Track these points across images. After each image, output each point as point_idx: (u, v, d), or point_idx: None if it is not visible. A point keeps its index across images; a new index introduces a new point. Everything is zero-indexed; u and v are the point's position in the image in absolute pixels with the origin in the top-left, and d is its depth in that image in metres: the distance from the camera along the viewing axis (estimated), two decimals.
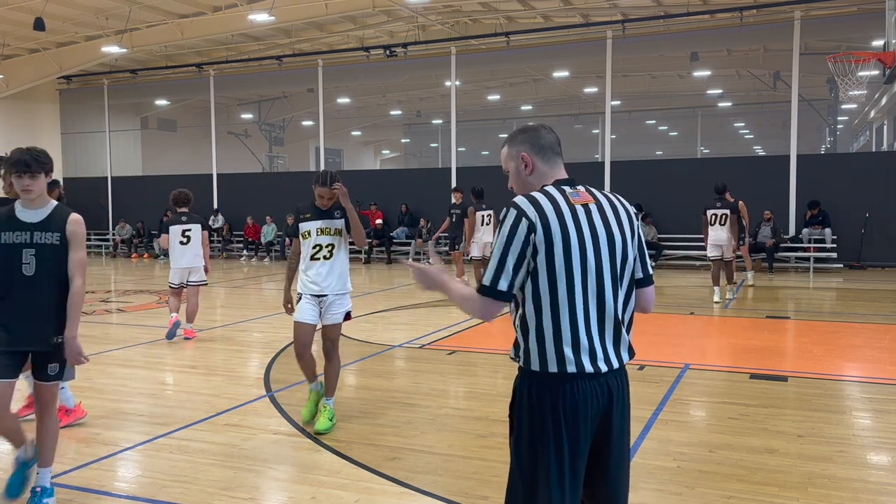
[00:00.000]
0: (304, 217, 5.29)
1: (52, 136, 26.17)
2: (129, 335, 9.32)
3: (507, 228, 2.38)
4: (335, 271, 5.27)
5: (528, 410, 2.41)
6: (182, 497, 4.08)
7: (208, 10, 19.63)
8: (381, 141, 41.62)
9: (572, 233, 2.37)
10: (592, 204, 2.46)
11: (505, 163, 2.65)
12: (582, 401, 2.37)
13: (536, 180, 2.55)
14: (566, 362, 2.37)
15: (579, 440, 2.39)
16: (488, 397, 6.25)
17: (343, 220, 5.26)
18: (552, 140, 2.58)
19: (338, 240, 5.28)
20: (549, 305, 2.37)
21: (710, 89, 26.74)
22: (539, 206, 2.39)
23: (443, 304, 11.94)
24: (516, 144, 2.59)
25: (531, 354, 2.41)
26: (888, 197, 16.58)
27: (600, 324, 2.41)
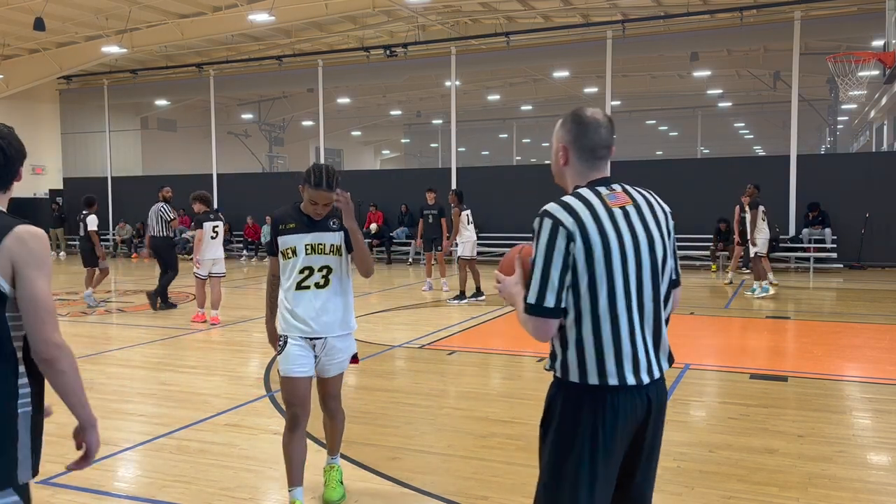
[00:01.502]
0: (285, 228, 3.77)
1: (52, 136, 26.19)
2: (130, 335, 9.32)
3: (545, 240, 2.24)
4: (334, 306, 3.77)
5: (564, 424, 2.31)
6: (182, 497, 4.08)
7: (208, 10, 19.63)
8: (381, 141, 41.64)
9: (612, 239, 2.26)
10: (630, 206, 2.36)
11: (553, 138, 2.51)
12: (622, 414, 2.28)
13: (570, 175, 2.44)
14: (607, 375, 2.26)
15: (614, 453, 2.31)
16: (488, 397, 6.25)
17: (342, 232, 3.79)
18: (600, 142, 2.42)
19: (336, 261, 3.77)
20: (589, 315, 2.26)
21: (710, 89, 26.74)
22: (574, 212, 2.26)
23: (443, 304, 11.95)
24: (563, 131, 2.45)
25: (569, 366, 2.30)
26: (888, 197, 16.57)
27: (642, 332, 2.32)
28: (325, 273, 3.75)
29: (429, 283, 13.64)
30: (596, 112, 2.45)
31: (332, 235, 3.77)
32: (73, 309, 11.64)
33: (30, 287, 2.10)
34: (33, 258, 2.12)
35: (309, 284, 3.74)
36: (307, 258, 3.73)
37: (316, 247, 3.75)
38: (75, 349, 8.00)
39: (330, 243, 3.76)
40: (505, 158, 34.80)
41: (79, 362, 2.11)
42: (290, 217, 3.78)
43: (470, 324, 9.95)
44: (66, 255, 23.53)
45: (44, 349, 2.12)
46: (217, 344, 8.84)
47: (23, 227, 2.14)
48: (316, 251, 3.75)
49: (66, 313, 11.17)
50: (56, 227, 23.54)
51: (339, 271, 3.79)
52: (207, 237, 10.13)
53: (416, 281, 15.38)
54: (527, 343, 8.81)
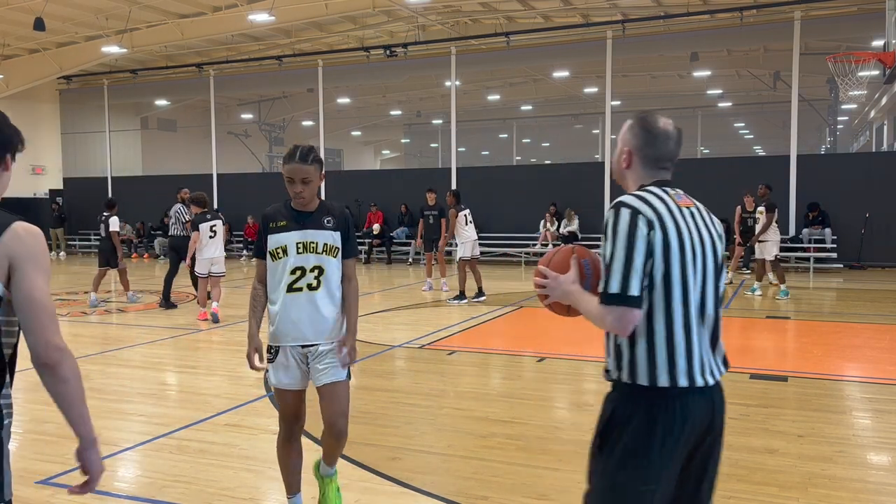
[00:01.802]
0: (275, 226, 3.50)
1: (52, 136, 26.19)
2: (130, 335, 9.32)
3: (625, 227, 2.18)
4: (328, 310, 3.49)
5: (631, 429, 2.20)
6: (182, 497, 4.08)
7: (208, 10, 19.63)
8: (381, 141, 41.63)
9: (685, 234, 2.24)
10: (693, 208, 2.35)
11: (618, 138, 2.50)
12: (690, 418, 2.21)
13: (631, 178, 2.43)
14: (678, 375, 2.19)
15: (679, 459, 2.23)
16: (488, 397, 6.25)
17: (338, 233, 3.51)
18: (665, 154, 2.39)
19: (329, 262, 3.48)
20: (663, 312, 2.20)
21: (710, 89, 26.75)
22: (651, 204, 2.24)
23: (443, 304, 11.95)
24: (630, 134, 2.41)
25: (638, 366, 2.21)
26: (888, 197, 16.57)
27: (705, 332, 2.28)
28: (318, 274, 3.47)
29: (429, 283, 13.65)
30: (667, 122, 2.40)
31: (326, 234, 3.48)
32: (73, 309, 11.64)
33: (28, 286, 1.95)
34: (31, 256, 1.97)
35: (301, 286, 3.46)
36: (298, 257, 3.45)
37: (308, 245, 3.47)
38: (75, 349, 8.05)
39: (323, 242, 3.48)
40: (505, 158, 34.79)
41: (79, 362, 2.09)
42: (280, 214, 3.50)
43: (470, 324, 9.95)
44: (66, 255, 23.52)
45: (44, 353, 1.96)
46: (217, 344, 8.84)
47: (20, 224, 2.00)
48: (308, 250, 3.46)
49: (67, 313, 11.17)
50: (56, 227, 23.54)
51: (332, 273, 3.50)
52: (205, 237, 10.39)
53: (416, 281, 15.39)
54: (527, 343, 8.82)
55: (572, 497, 4.05)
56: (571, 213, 18.99)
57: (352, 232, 3.58)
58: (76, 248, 25.03)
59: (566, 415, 5.87)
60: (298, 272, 3.46)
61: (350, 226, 3.57)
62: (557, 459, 4.63)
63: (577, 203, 19.18)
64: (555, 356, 7.79)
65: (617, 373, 2.27)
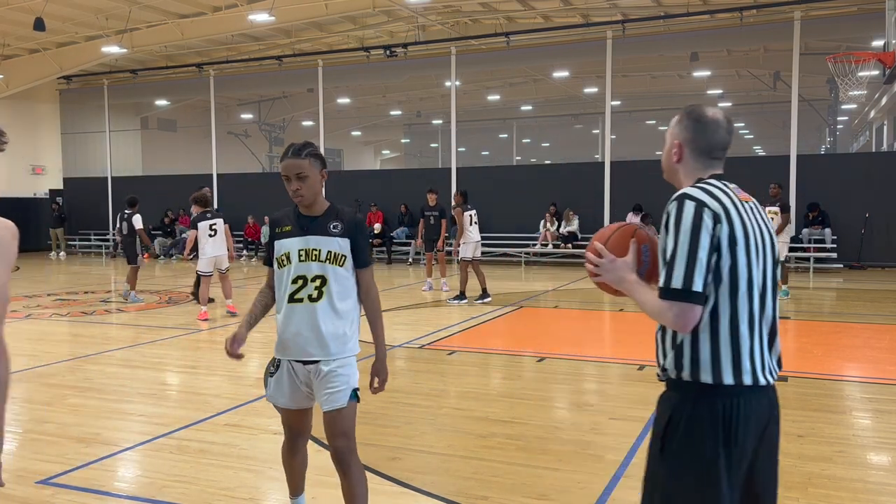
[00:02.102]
0: (281, 231, 3.27)
1: (52, 136, 26.20)
2: (130, 335, 9.32)
3: (689, 220, 2.10)
4: (332, 324, 3.19)
5: (694, 430, 2.13)
6: (182, 497, 4.08)
7: (208, 10, 19.63)
8: (381, 141, 41.64)
9: (749, 228, 2.18)
10: (751, 203, 2.29)
11: (667, 134, 2.42)
12: (754, 417, 2.16)
13: (683, 172, 2.35)
14: (743, 372, 2.13)
15: (745, 461, 2.17)
16: (488, 397, 6.25)
17: (347, 240, 3.21)
18: (717, 143, 2.32)
19: (334, 272, 3.18)
20: (728, 307, 2.13)
21: (710, 89, 26.73)
22: (716, 197, 2.17)
23: (443, 304, 11.95)
24: (679, 127, 2.35)
25: (701, 364, 2.13)
26: (888, 197, 16.57)
27: (765, 330, 2.23)
28: (320, 284, 3.17)
29: (429, 283, 13.65)
30: (716, 112, 2.34)
31: (331, 241, 3.18)
32: (73, 309, 11.64)
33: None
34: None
35: (302, 297, 3.18)
36: (300, 266, 3.18)
37: (310, 252, 3.18)
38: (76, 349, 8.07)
39: (327, 250, 3.17)
40: (505, 158, 34.79)
41: (79, 362, 2.08)
42: (286, 219, 3.27)
43: (470, 324, 9.95)
44: (66, 255, 23.52)
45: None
46: (217, 344, 8.84)
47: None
48: (310, 258, 3.18)
49: (67, 313, 11.17)
50: (56, 227, 23.54)
51: (337, 284, 3.19)
52: (205, 236, 10.59)
53: (416, 281, 15.39)
54: (527, 343, 8.82)
55: (572, 497, 4.05)
56: (570, 214, 19.00)
57: (364, 239, 3.28)
58: (76, 248, 25.03)
59: (566, 415, 5.87)
60: (300, 281, 3.19)
61: (362, 232, 3.27)
62: (557, 459, 4.63)
63: (577, 203, 19.18)
64: (555, 356, 7.79)
65: (676, 371, 2.18)
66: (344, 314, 3.23)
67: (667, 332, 2.22)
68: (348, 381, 3.23)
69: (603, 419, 5.52)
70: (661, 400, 2.26)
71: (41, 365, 7.40)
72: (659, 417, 2.24)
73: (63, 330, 9.95)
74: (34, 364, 7.39)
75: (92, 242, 25.10)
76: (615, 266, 2.30)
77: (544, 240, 19.13)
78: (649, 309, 2.18)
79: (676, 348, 2.18)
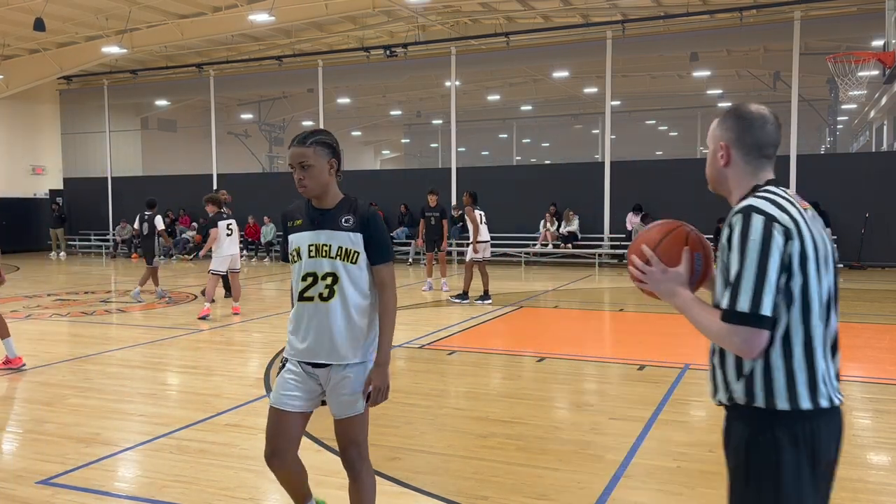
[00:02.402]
0: (293, 224, 3.11)
1: (52, 137, 26.20)
2: (130, 335, 9.32)
3: (758, 237, 1.93)
4: (344, 324, 3.00)
5: (781, 459, 1.98)
6: (182, 497, 4.08)
7: (208, 10, 19.63)
8: (381, 141, 41.63)
9: (818, 242, 2.03)
10: (811, 210, 2.12)
11: (708, 139, 2.25)
12: (833, 438, 2.04)
13: (733, 177, 2.17)
14: (819, 396, 1.99)
15: (825, 482, 2.05)
16: (488, 397, 6.25)
17: (360, 234, 3.00)
18: (767, 140, 2.15)
19: (347, 269, 2.99)
20: (801, 330, 1.98)
21: (710, 89, 26.73)
22: (785, 210, 2.00)
23: (443, 304, 11.95)
24: (722, 128, 2.18)
25: (776, 391, 1.98)
26: (888, 197, 16.57)
27: (828, 346, 2.07)
28: (330, 283, 2.97)
29: (429, 283, 13.65)
30: (760, 107, 2.18)
31: (342, 236, 2.98)
32: (73, 309, 11.64)
33: None
34: None
35: (312, 295, 2.99)
36: (310, 262, 3.00)
37: (320, 248, 2.99)
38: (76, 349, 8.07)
39: (338, 245, 2.97)
40: (505, 158, 34.78)
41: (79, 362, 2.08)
42: (298, 212, 3.09)
43: (470, 324, 9.95)
44: (66, 255, 23.52)
45: None
46: (217, 344, 8.84)
47: None
48: (320, 253, 2.99)
49: (67, 313, 11.18)
50: (56, 227, 23.54)
51: (350, 282, 2.98)
52: (223, 235, 10.72)
53: (416, 281, 15.39)
54: (527, 343, 8.82)
55: (572, 497, 4.05)
56: (570, 214, 19.00)
57: (379, 233, 3.03)
58: (76, 249, 25.03)
59: (566, 415, 5.87)
60: (310, 279, 3.00)
61: (376, 226, 3.02)
62: (557, 459, 4.63)
63: (577, 203, 19.19)
64: (555, 356, 7.79)
65: (747, 399, 2.03)
66: (358, 315, 3.00)
67: (728, 358, 2.07)
68: (360, 388, 3.03)
69: (603, 419, 5.52)
70: (731, 426, 2.11)
71: (41, 365, 7.40)
72: (733, 445, 2.08)
73: (63, 330, 9.95)
74: (34, 364, 7.40)
75: (92, 242, 25.10)
76: (667, 278, 2.14)
77: (544, 240, 19.13)
78: (708, 331, 2.02)
79: (746, 376, 2.04)
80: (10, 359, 7.21)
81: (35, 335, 9.25)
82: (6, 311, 9.79)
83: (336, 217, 3.01)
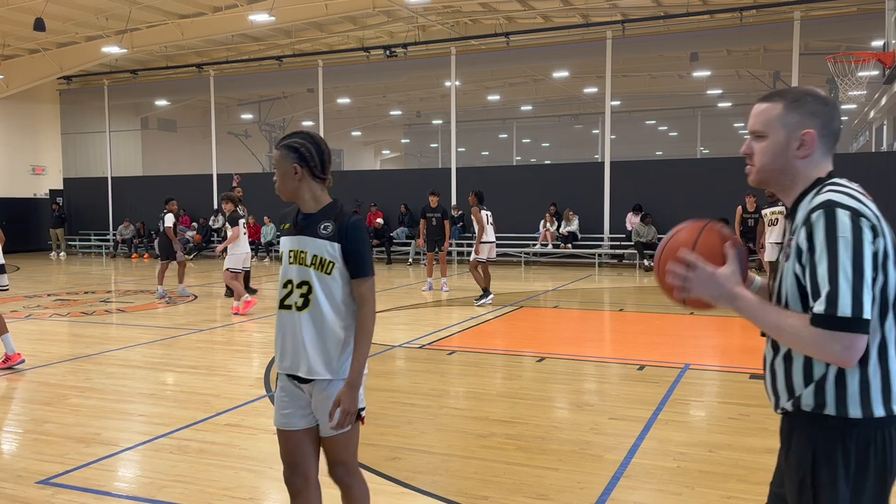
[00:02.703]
0: (283, 228, 3.00)
1: (52, 137, 26.20)
2: (130, 335, 9.32)
3: (848, 233, 1.77)
4: (318, 337, 2.83)
5: (847, 473, 1.86)
6: (182, 497, 4.08)
7: (208, 10, 19.64)
8: (381, 141, 41.64)
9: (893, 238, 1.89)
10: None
11: (766, 124, 1.98)
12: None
13: (804, 171, 1.96)
14: (893, 401, 1.86)
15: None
16: (488, 397, 6.25)
17: (338, 243, 2.82)
18: (839, 126, 1.99)
19: (320, 280, 2.83)
20: (878, 333, 1.85)
21: (710, 89, 26.75)
22: (866, 204, 1.86)
23: (442, 303, 11.95)
24: (803, 113, 1.94)
25: (849, 398, 1.85)
26: (888, 197, 16.57)
27: None
28: (305, 292, 2.83)
29: (429, 283, 13.65)
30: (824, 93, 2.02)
31: (319, 244, 2.82)
32: (73, 309, 11.65)
33: None
34: None
35: (290, 304, 2.87)
36: (289, 268, 2.88)
37: (298, 254, 2.86)
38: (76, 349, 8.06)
39: (313, 253, 2.82)
40: (505, 158, 34.80)
41: (79, 362, 2.09)
42: (289, 215, 2.98)
43: (470, 324, 9.95)
44: (66, 255, 23.52)
45: None
46: (217, 344, 8.84)
47: None
48: (297, 260, 2.85)
49: (67, 313, 11.18)
50: (56, 227, 23.55)
51: (323, 293, 2.81)
52: (241, 233, 11.04)
53: (416, 281, 15.39)
54: (527, 343, 8.82)
55: (572, 497, 4.05)
56: (570, 214, 19.01)
57: (357, 245, 2.84)
58: (76, 248, 25.03)
59: (566, 415, 5.87)
60: (289, 286, 2.88)
61: (355, 237, 2.83)
62: (557, 459, 4.63)
63: (577, 203, 19.19)
64: (555, 356, 7.79)
65: (816, 407, 1.89)
66: (331, 329, 2.82)
67: (795, 362, 1.92)
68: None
69: (603, 419, 5.52)
70: (796, 440, 1.96)
71: (41, 365, 7.40)
72: (800, 461, 1.94)
73: (63, 330, 9.95)
74: (34, 364, 7.40)
75: (92, 242, 25.10)
76: (717, 280, 1.93)
77: (544, 240, 19.13)
78: (795, 337, 1.83)
79: (817, 382, 1.89)
80: (10, 355, 7.23)
81: (35, 335, 9.25)
82: (6, 311, 9.80)
83: (316, 223, 2.86)
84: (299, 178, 2.86)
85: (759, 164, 2.00)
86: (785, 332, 1.85)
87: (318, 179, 2.89)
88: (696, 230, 2.03)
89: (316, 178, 2.88)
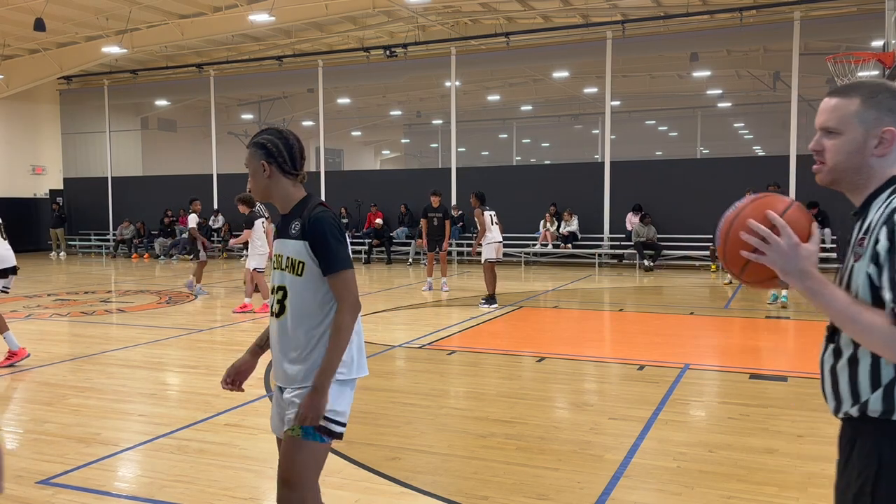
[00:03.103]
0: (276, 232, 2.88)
1: (53, 137, 26.20)
2: (130, 335, 9.32)
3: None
4: (289, 345, 2.70)
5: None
6: (182, 497, 4.08)
7: (208, 10, 19.64)
8: (381, 141, 41.64)
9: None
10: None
11: (842, 121, 1.90)
12: None
13: (879, 168, 1.89)
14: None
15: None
16: (488, 397, 6.25)
17: (305, 241, 2.65)
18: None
19: (294, 283, 2.69)
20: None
21: (710, 89, 26.74)
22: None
23: (442, 303, 11.94)
24: (882, 110, 1.85)
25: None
26: None
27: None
28: (280, 297, 2.71)
29: (429, 282, 13.65)
30: None
31: (291, 245, 2.68)
32: (73, 309, 11.65)
33: None
34: None
35: (275, 311, 2.75)
36: (274, 273, 2.78)
37: (278, 258, 2.75)
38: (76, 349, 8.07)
39: (287, 256, 2.69)
40: (505, 158, 34.79)
41: (79, 362, 2.09)
42: None
43: (470, 324, 9.95)
44: (66, 255, 23.51)
45: None
46: (217, 344, 8.84)
47: None
48: (278, 264, 2.75)
49: (67, 313, 11.18)
50: (56, 227, 23.54)
51: (296, 297, 2.67)
52: (260, 234, 11.14)
53: (416, 281, 15.39)
54: (527, 343, 8.82)
55: (572, 497, 4.05)
56: (570, 214, 19.01)
57: (322, 237, 2.63)
58: (76, 248, 25.03)
59: (566, 415, 5.88)
60: (279, 293, 2.75)
61: (320, 230, 2.63)
62: (557, 459, 4.63)
63: (577, 203, 19.19)
64: (555, 356, 7.79)
65: (883, 410, 1.80)
66: (305, 335, 2.66)
67: (861, 364, 1.83)
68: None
69: (603, 419, 5.52)
70: (859, 447, 1.89)
71: (41, 365, 7.40)
72: (864, 469, 1.87)
73: (63, 330, 9.95)
74: (34, 364, 7.40)
75: (92, 242, 25.10)
76: (798, 254, 1.81)
77: (544, 240, 19.13)
78: (869, 330, 1.73)
79: (885, 387, 1.79)
80: (14, 351, 7.24)
81: (35, 335, 9.26)
82: (6, 311, 9.80)
83: (288, 224, 2.72)
84: (268, 175, 2.73)
85: (833, 163, 1.93)
86: (860, 325, 1.73)
87: (289, 176, 2.75)
88: (786, 201, 1.92)
89: (287, 174, 2.74)
